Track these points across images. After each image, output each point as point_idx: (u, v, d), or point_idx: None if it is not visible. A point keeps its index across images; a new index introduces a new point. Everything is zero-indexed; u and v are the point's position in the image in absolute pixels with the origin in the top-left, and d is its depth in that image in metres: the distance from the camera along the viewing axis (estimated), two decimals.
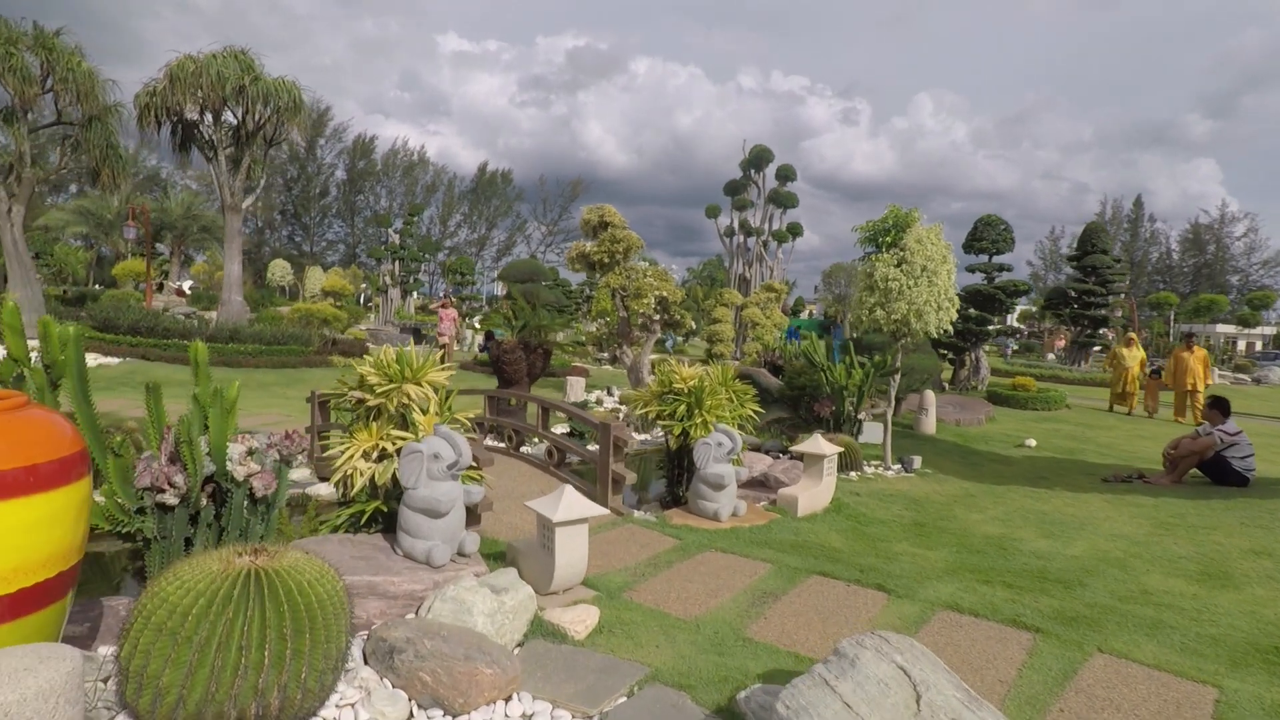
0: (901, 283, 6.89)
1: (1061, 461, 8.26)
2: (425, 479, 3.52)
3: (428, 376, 4.02)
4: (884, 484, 6.62)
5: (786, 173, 22.87)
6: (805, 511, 5.37)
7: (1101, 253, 22.92)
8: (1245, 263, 65.69)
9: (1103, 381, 20.55)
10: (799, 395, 8.45)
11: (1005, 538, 5.13)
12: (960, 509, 5.88)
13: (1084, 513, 5.84)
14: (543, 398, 5.96)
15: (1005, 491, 6.53)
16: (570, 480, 5.68)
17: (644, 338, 11.69)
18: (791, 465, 6.38)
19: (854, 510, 5.60)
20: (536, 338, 7.91)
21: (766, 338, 19.48)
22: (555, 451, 5.78)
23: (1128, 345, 13.55)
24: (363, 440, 3.90)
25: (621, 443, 5.15)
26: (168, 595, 2.04)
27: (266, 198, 61.54)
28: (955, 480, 6.94)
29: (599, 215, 11.37)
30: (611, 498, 5.26)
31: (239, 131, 14.09)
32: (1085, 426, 11.49)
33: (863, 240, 7.45)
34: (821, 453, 5.46)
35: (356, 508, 3.84)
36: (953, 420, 10.80)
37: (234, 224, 14.02)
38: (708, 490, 5.08)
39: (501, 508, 5.06)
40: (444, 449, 3.54)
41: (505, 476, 5.75)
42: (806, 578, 4.16)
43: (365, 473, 3.82)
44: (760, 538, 4.84)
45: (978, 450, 8.81)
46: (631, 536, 4.81)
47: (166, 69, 12.90)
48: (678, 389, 5.55)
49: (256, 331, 12.58)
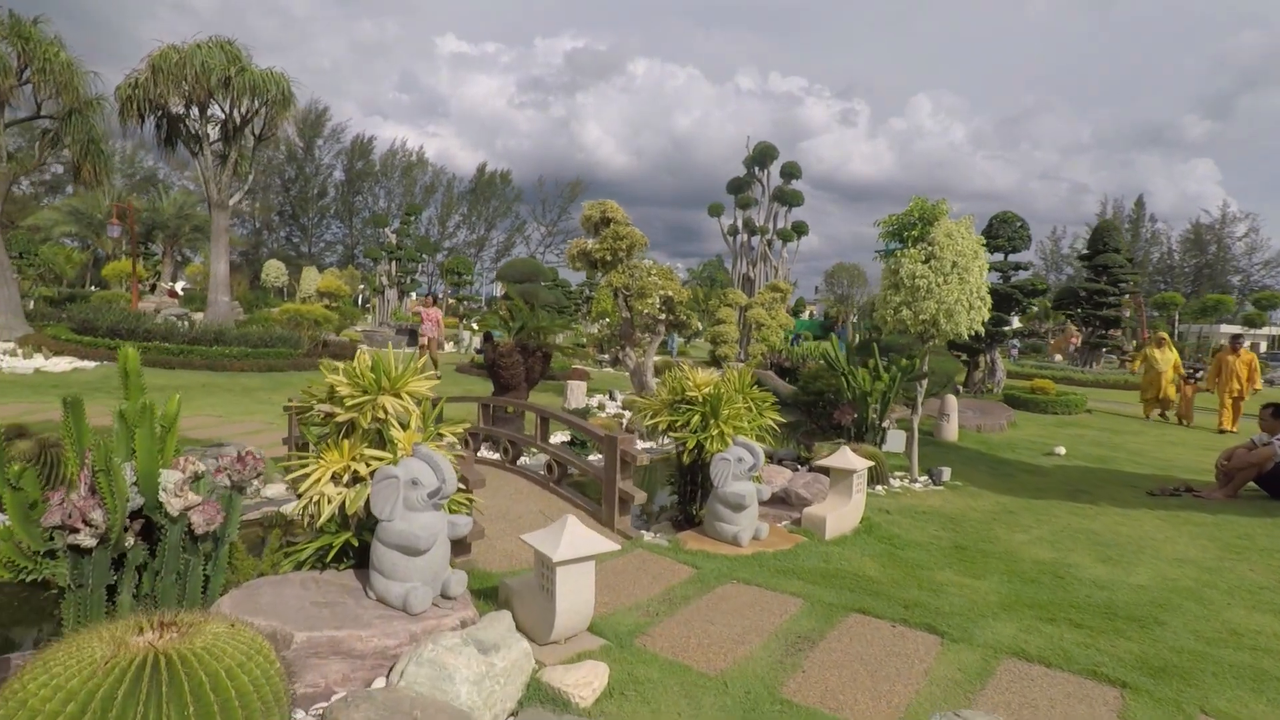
0: (930, 280, 6.36)
1: (1096, 471, 7.72)
2: (402, 510, 2.98)
3: (408, 387, 3.47)
4: (914, 499, 6.08)
5: (791, 170, 22.33)
6: (834, 534, 4.83)
7: (1114, 251, 22.41)
8: (1246, 263, 65.35)
9: (1116, 383, 20.06)
10: (814, 400, 7.91)
11: (1058, 563, 4.59)
12: (1002, 528, 5.34)
13: (1138, 532, 5.30)
14: (541, 406, 5.42)
15: (1046, 507, 6.00)
16: (572, 497, 5.14)
17: (648, 339, 11.15)
18: (813, 479, 5.84)
19: (886, 531, 5.06)
20: (535, 340, 7.38)
21: (772, 339, 18.95)
22: (555, 465, 5.24)
23: (1159, 346, 12.43)
24: (331, 461, 3.36)
25: (630, 458, 4.61)
26: (29, 697, 1.50)
27: (264, 198, 61.07)
28: (989, 494, 6.40)
29: (601, 211, 10.83)
30: (619, 519, 4.72)
31: (227, 125, 13.57)
32: (1110, 431, 10.97)
33: (885, 235, 6.92)
34: (851, 468, 4.92)
35: (323, 540, 3.29)
36: (973, 426, 10.27)
37: (220, 222, 13.47)
38: (726, 511, 4.54)
39: (495, 532, 4.52)
40: (424, 474, 2.99)
41: (500, 494, 5.21)
42: (845, 616, 3.62)
43: (334, 499, 3.27)
44: (787, 565, 4.31)
45: (1005, 459, 8.27)
46: (642, 565, 4.27)
47: (148, 59, 12.37)
48: (691, 397, 5.01)
49: (243, 333, 12.03)
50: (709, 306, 21.87)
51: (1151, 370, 12.34)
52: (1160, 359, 12.20)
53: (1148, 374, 12.48)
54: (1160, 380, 12.13)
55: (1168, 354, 12.26)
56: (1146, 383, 12.52)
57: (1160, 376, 12.16)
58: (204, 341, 11.60)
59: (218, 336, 11.72)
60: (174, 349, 11.26)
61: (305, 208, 62.29)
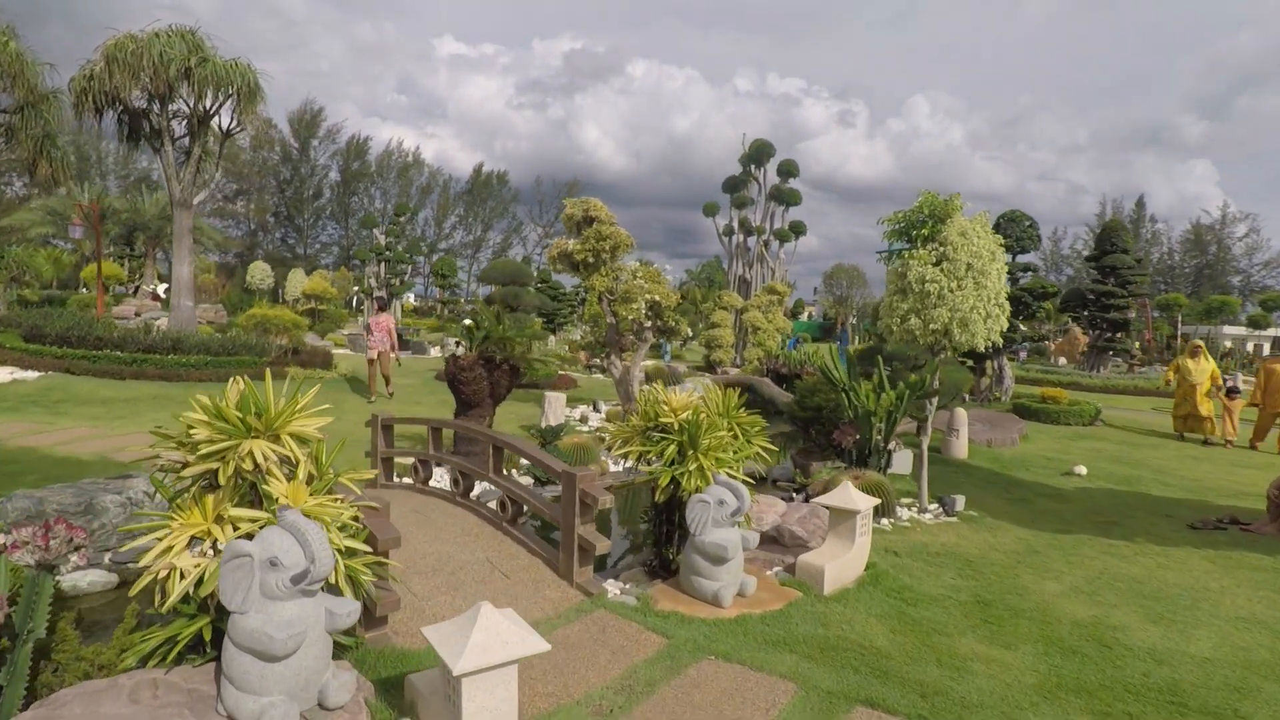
0: (942, 285, 5.62)
1: (1123, 496, 6.98)
2: (258, 599, 2.24)
3: (289, 426, 2.72)
4: (925, 535, 5.34)
5: (789, 168, 21.57)
6: (834, 587, 4.09)
7: (1121, 252, 21.69)
8: (1247, 263, 65.00)
9: (1125, 389, 19.34)
10: (812, 417, 7.16)
11: (1101, 624, 3.85)
12: (1028, 574, 4.59)
13: (1187, 579, 4.56)
14: (493, 433, 4.68)
15: (1075, 545, 5.25)
16: (528, 541, 4.39)
17: (635, 345, 10.41)
18: (810, 513, 5.09)
19: (895, 581, 4.31)
20: (501, 351, 6.63)
21: (769, 343, 18.22)
22: (509, 503, 4.50)
23: (1193, 356, 10.75)
24: (189, 523, 2.61)
25: (591, 500, 3.86)
26: None
27: (259, 200, 60.36)
28: (1009, 527, 5.66)
29: (584, 210, 10.08)
30: (578, 570, 3.97)
31: (191, 119, 12.83)
32: (1128, 445, 10.23)
33: (890, 234, 6.18)
34: (854, 508, 4.18)
35: (172, 629, 2.54)
36: (983, 440, 9.53)
37: (183, 221, 12.71)
38: (705, 564, 3.80)
39: (428, 589, 3.77)
40: (286, 551, 2.25)
41: (444, 535, 4.46)
42: (849, 711, 2.88)
43: (190, 573, 2.53)
44: (777, 633, 3.56)
45: (1021, 480, 7.53)
46: (602, 633, 3.52)
47: (102, 49, 11.64)
48: (666, 423, 4.26)
49: (202, 341, 11.26)
50: (704, 310, 21.12)
51: (1185, 382, 10.67)
52: (1194, 370, 10.55)
53: (1180, 387, 10.81)
54: (1195, 394, 10.50)
55: (1203, 364, 10.57)
56: (1180, 397, 10.84)
57: (1195, 390, 10.51)
58: (160, 350, 10.84)
59: (175, 344, 10.96)
60: (126, 358, 10.50)
61: (300, 209, 61.61)
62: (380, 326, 10.69)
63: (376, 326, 10.67)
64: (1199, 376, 10.53)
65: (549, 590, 3.97)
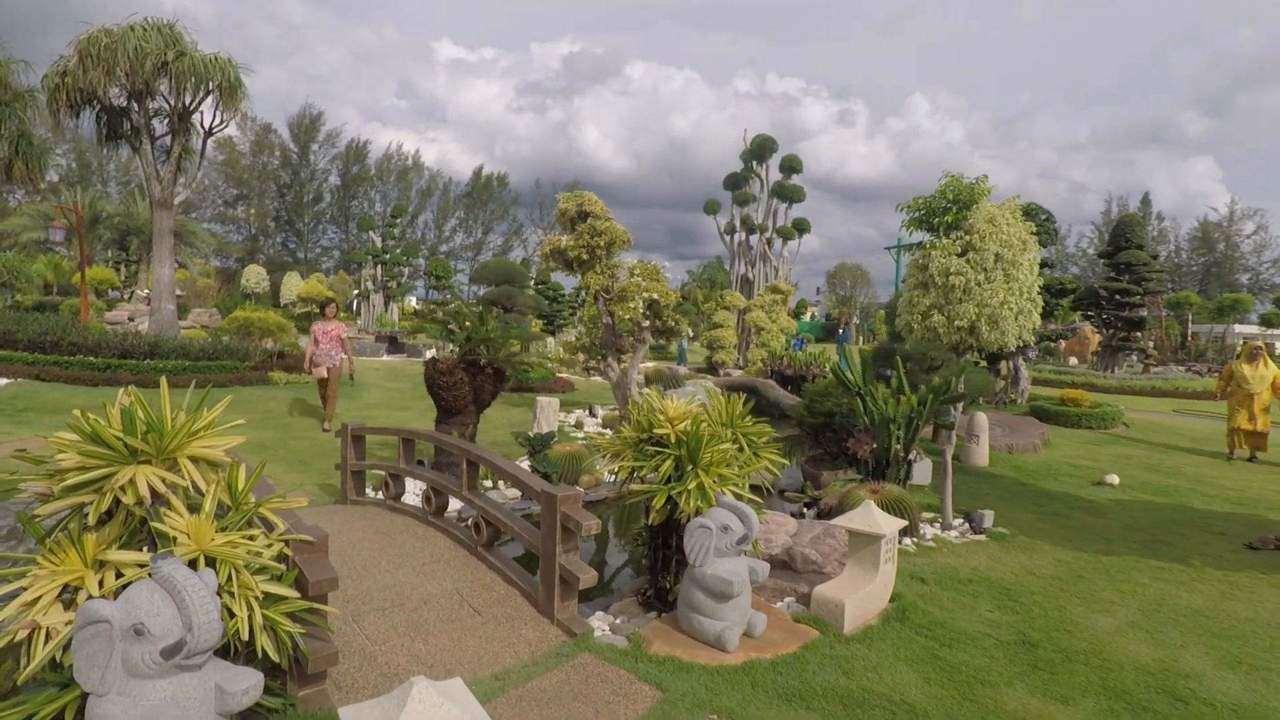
0: (968, 278, 5.08)
1: (1163, 509, 6.41)
2: (120, 676, 1.71)
3: (190, 448, 2.20)
4: (953, 556, 4.78)
5: (792, 164, 21.02)
6: (856, 624, 3.54)
7: (1136, 248, 21.08)
8: (1255, 261, 64.38)
9: (1142, 389, 18.70)
10: (823, 423, 6.61)
11: (1169, 670, 3.29)
12: (1076, 605, 4.04)
13: (1259, 612, 4.00)
14: (468, 446, 4.15)
15: (1123, 568, 4.69)
16: (505, 569, 3.85)
17: (633, 346, 9.88)
18: (824, 532, 4.55)
19: (925, 616, 3.76)
20: (486, 355, 6.10)
21: (773, 344, 17.67)
22: (483, 525, 3.96)
23: (1251, 360, 9.27)
24: (60, 570, 2.09)
25: (574, 525, 3.33)
26: None
27: (259, 204, 60.21)
28: (1045, 547, 5.10)
29: (577, 204, 9.56)
30: (559, 606, 3.43)
31: (171, 117, 12.37)
32: (1158, 450, 9.65)
33: (909, 223, 5.64)
34: (879, 532, 3.63)
35: (29, 707, 2.01)
36: (1003, 446, 8.96)
37: (164, 222, 12.24)
38: (706, 601, 3.25)
39: (383, 630, 3.24)
40: (157, 614, 1.73)
41: (408, 563, 3.93)
42: None
43: (58, 633, 2.00)
44: (792, 684, 3.02)
45: (1050, 491, 6.97)
46: (585, 684, 2.98)
47: (75, 44, 11.19)
48: (661, 436, 3.72)
49: (181, 345, 10.77)
50: (705, 310, 20.57)
51: (1241, 392, 9.11)
52: (1252, 377, 9.05)
53: (1235, 396, 9.20)
54: (1253, 405, 8.99)
55: (1263, 370, 9.10)
56: (1233, 407, 9.22)
57: (1252, 400, 8.98)
58: (135, 355, 10.35)
59: (152, 349, 10.47)
60: (99, 364, 10.01)
61: (300, 213, 61.46)
62: (329, 336, 8.50)
63: (325, 336, 8.46)
64: (1258, 385, 9.02)
65: (526, 629, 3.43)
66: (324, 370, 8.48)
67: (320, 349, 8.42)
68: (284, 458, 7.18)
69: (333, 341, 8.45)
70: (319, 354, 8.41)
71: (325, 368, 8.47)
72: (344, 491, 5.26)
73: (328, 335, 8.47)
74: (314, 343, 8.51)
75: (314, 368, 8.45)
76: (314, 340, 8.49)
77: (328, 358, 8.43)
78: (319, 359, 8.41)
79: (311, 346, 8.53)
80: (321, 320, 8.75)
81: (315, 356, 8.42)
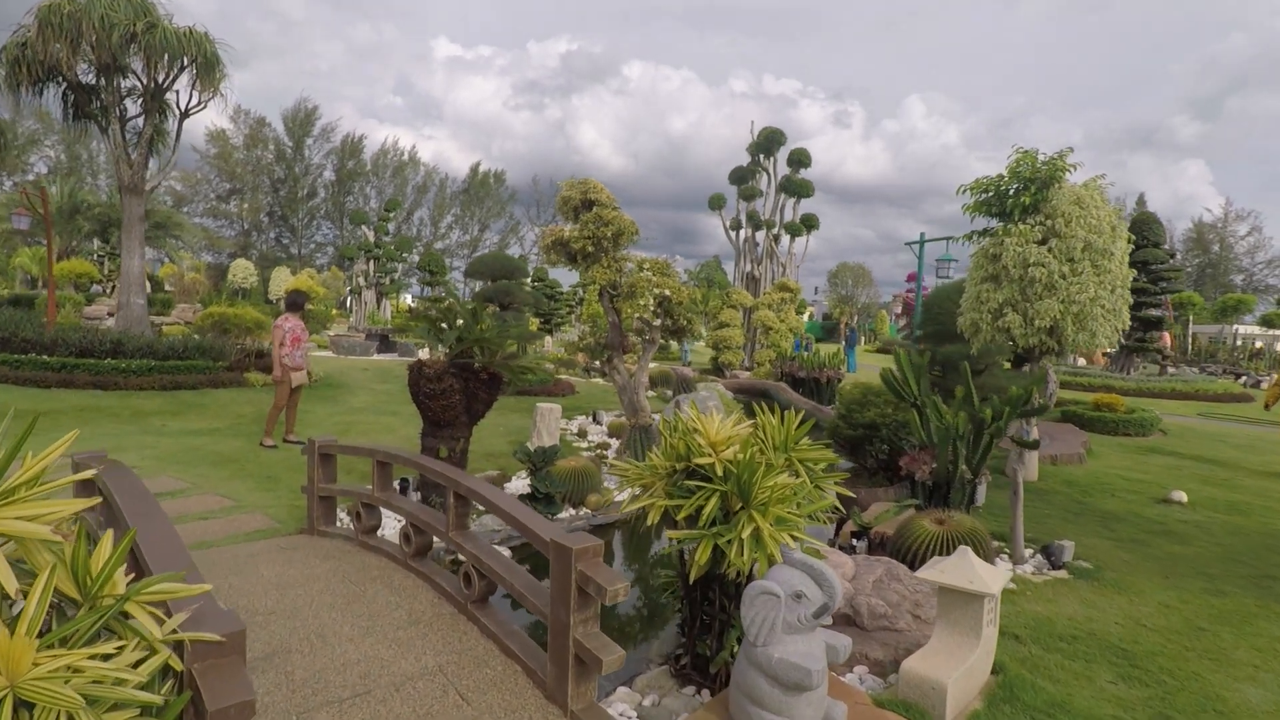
0: (1052, 269, 4.30)
1: (1252, 534, 5.65)
2: None
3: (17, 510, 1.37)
4: (1039, 602, 4.00)
5: (800, 157, 20.20)
6: (959, 708, 2.75)
7: (1154, 246, 20.39)
8: (1249, 262, 64.61)
9: (1162, 391, 18.00)
10: (863, 437, 5.82)
11: None
12: (1209, 670, 3.26)
13: None
14: (456, 475, 3.33)
15: (1242, 614, 3.92)
16: (503, 637, 3.03)
17: (641, 347, 9.07)
18: (886, 573, 3.75)
19: (1038, 693, 2.96)
20: (480, 358, 5.28)
21: (782, 344, 16.89)
22: (473, 576, 3.15)
23: None
24: None
25: (594, 590, 2.51)
26: None
27: (253, 199, 59.15)
28: (1140, 585, 4.32)
29: (582, 192, 8.73)
30: (575, 694, 2.62)
31: (145, 96, 11.48)
32: (1209, 463, 8.91)
33: (973, 206, 4.84)
34: (984, 591, 2.83)
35: None
36: (1045, 456, 8.19)
37: (134, 209, 11.34)
38: (771, 693, 2.43)
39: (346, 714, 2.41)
40: None
41: (381, 624, 3.11)
42: None
43: None
44: None
45: (1112, 512, 6.20)
46: None
47: (35, 11, 10.27)
48: (703, 466, 2.91)
49: (148, 343, 9.87)
50: (709, 309, 19.75)
51: None
52: None
53: None
54: None
55: None
56: None
57: None
58: (96, 353, 9.46)
59: (115, 347, 9.58)
60: (54, 363, 9.11)
61: (295, 208, 60.44)
62: (300, 340, 7.46)
63: (282, 336, 7.33)
64: None
65: None
66: (305, 374, 7.51)
67: (298, 352, 7.37)
68: (251, 473, 6.34)
69: (292, 340, 7.36)
70: (297, 356, 7.34)
71: (305, 370, 7.52)
72: (310, 520, 4.43)
73: (299, 339, 7.43)
74: (292, 343, 7.35)
75: (293, 372, 7.33)
76: (291, 341, 7.34)
77: (298, 359, 7.39)
78: (298, 361, 7.35)
79: (288, 348, 7.34)
80: (290, 315, 7.56)
81: (294, 359, 7.32)
